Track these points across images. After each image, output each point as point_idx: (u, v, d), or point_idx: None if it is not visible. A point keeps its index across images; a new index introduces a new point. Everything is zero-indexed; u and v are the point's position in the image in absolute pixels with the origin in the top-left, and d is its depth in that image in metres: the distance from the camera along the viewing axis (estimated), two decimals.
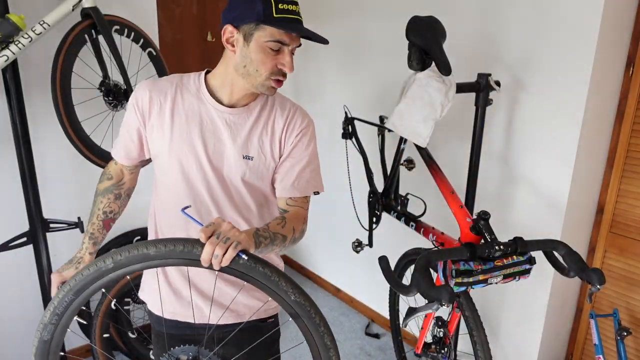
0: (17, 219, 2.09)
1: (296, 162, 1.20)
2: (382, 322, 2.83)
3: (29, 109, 1.96)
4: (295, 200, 1.20)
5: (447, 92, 1.65)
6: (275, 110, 1.20)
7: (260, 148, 1.17)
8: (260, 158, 1.17)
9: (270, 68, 1.08)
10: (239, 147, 1.15)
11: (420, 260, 1.23)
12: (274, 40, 1.05)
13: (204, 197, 1.18)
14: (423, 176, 2.11)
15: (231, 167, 1.16)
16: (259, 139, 1.17)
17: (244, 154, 1.15)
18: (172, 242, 0.90)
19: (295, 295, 0.92)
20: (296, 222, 1.15)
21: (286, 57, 1.08)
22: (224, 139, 1.15)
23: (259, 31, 1.04)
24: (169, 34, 2.62)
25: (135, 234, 2.51)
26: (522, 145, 1.97)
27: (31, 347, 0.97)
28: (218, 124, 1.15)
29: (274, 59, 1.08)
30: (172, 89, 1.16)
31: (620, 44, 1.80)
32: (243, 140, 1.15)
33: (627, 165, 1.90)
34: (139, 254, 0.89)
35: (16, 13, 1.71)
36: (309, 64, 3.06)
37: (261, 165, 1.18)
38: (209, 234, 0.87)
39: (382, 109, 2.52)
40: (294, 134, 1.19)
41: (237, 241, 0.88)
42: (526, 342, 2.11)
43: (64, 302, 0.93)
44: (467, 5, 2.08)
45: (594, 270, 1.27)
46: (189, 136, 1.14)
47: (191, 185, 1.17)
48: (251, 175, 1.17)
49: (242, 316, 1.25)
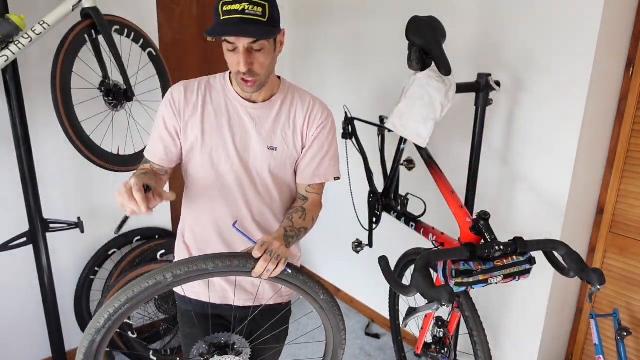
0: (17, 219, 2.09)
1: (317, 152, 1.29)
2: (382, 322, 2.83)
3: (29, 109, 1.96)
4: (314, 187, 1.33)
5: (447, 92, 1.65)
6: (296, 103, 1.27)
7: (283, 139, 1.25)
8: (284, 149, 1.26)
9: (233, 67, 1.14)
10: (263, 139, 1.24)
11: (420, 260, 1.23)
12: (224, 41, 1.11)
13: (232, 187, 1.26)
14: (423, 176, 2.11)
15: (257, 158, 1.24)
16: (282, 131, 1.25)
17: (269, 145, 1.24)
18: (228, 258, 1.03)
19: (324, 295, 1.17)
20: (315, 211, 1.31)
21: (237, 56, 1.11)
22: (250, 131, 1.23)
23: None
24: (169, 34, 2.62)
25: (135, 234, 2.51)
26: (522, 145, 1.97)
27: (79, 349, 1.03)
28: (244, 117, 1.23)
29: (233, 59, 1.12)
30: (202, 88, 1.25)
31: (620, 44, 1.80)
32: (267, 133, 1.24)
33: (627, 166, 1.90)
34: (198, 270, 1.01)
35: (16, 13, 1.71)
36: (309, 64, 3.06)
37: (285, 156, 1.27)
38: (263, 252, 1.02)
39: (382, 109, 2.52)
40: (314, 126, 1.27)
41: (285, 257, 1.05)
42: (526, 342, 2.11)
43: (120, 310, 1.00)
44: (467, 5, 2.08)
45: (594, 270, 1.27)
46: (219, 130, 1.22)
47: (220, 177, 1.25)
48: (276, 166, 1.26)
49: (260, 299, 1.35)
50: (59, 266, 2.27)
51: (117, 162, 2.01)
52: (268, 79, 1.19)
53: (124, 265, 2.40)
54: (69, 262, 2.36)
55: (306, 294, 1.16)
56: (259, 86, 1.17)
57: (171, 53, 2.63)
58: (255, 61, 1.12)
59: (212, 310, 1.34)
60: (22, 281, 2.22)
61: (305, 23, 3.01)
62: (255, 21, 1.06)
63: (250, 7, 1.05)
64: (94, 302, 2.42)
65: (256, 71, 1.13)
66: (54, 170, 2.22)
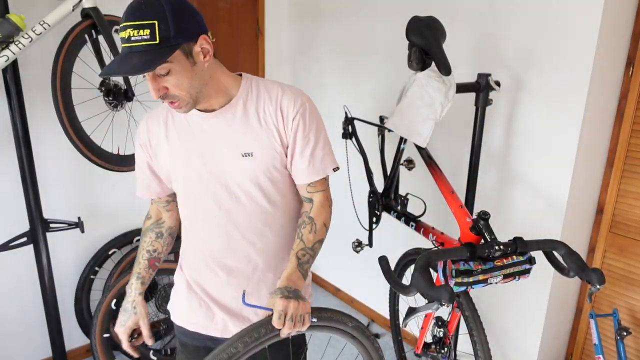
0: (17, 219, 2.09)
1: (304, 146, 1.12)
2: (382, 322, 2.84)
3: (29, 109, 1.96)
4: (315, 185, 1.16)
5: (447, 92, 1.65)
6: (263, 99, 1.11)
7: (257, 142, 1.10)
8: (261, 152, 1.10)
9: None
10: (234, 147, 1.10)
11: (420, 260, 1.23)
12: None
13: (213, 210, 1.15)
14: (423, 176, 2.11)
15: (232, 170, 1.11)
16: (254, 133, 1.10)
17: (242, 152, 1.10)
18: (255, 331, 0.99)
19: (351, 322, 1.14)
20: (323, 214, 1.17)
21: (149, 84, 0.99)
22: (217, 143, 1.11)
23: None
24: None
25: (135, 234, 2.51)
26: (522, 145, 1.97)
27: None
28: (207, 130, 1.11)
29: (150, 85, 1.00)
30: (164, 113, 1.17)
31: (620, 44, 1.80)
32: (236, 139, 1.10)
33: (627, 165, 1.90)
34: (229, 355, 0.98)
35: (16, 13, 1.71)
36: (310, 64, 3.06)
37: (265, 160, 1.11)
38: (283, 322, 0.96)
39: (382, 109, 2.52)
40: (290, 119, 1.10)
41: (307, 313, 0.99)
42: (526, 342, 2.11)
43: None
44: (467, 5, 2.08)
45: (594, 270, 1.27)
46: (185, 151, 1.14)
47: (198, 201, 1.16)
48: (257, 174, 1.11)
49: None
50: (59, 266, 2.27)
51: (117, 162, 2.01)
52: (200, 93, 1.04)
53: (124, 265, 2.40)
54: (69, 262, 2.36)
55: (336, 330, 1.11)
56: (189, 105, 1.03)
57: None
58: (168, 84, 0.98)
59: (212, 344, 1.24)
60: (22, 281, 2.22)
61: (305, 23, 3.01)
62: (143, 48, 0.91)
63: (135, 32, 0.90)
64: (94, 302, 2.42)
65: (173, 93, 1.00)
66: (54, 170, 2.22)
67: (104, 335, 2.19)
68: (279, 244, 1.21)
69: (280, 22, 3.11)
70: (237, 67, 2.96)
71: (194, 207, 1.19)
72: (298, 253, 1.10)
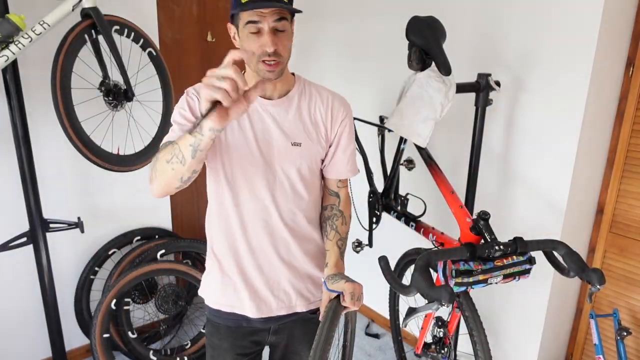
0: (17, 219, 2.09)
1: (345, 147, 1.29)
2: (382, 322, 2.83)
3: (29, 109, 1.96)
4: (344, 181, 1.35)
5: (447, 92, 1.65)
6: (315, 98, 1.25)
7: (306, 134, 1.23)
8: (309, 144, 1.23)
9: (256, 51, 1.10)
10: (286, 136, 1.20)
11: (420, 260, 1.23)
12: (247, 23, 1.07)
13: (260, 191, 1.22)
14: (423, 176, 2.11)
15: (282, 156, 1.21)
16: (304, 126, 1.23)
17: (292, 142, 1.21)
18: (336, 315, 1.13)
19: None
20: (349, 208, 1.37)
21: (264, 37, 1.08)
22: (271, 129, 1.20)
23: (239, 20, 1.10)
24: (169, 34, 2.62)
25: (135, 234, 2.51)
26: (522, 145, 1.97)
27: None
28: (264, 116, 1.20)
29: (257, 42, 1.09)
30: None
31: (620, 44, 1.80)
32: (289, 129, 1.21)
33: (627, 166, 1.90)
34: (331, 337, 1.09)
35: (16, 13, 1.71)
36: (310, 64, 3.06)
37: (311, 152, 1.24)
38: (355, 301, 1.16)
39: (382, 109, 2.52)
40: (338, 121, 1.27)
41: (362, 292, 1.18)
42: (526, 342, 2.11)
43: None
44: (467, 5, 2.08)
45: (594, 270, 1.27)
46: (240, 131, 1.18)
47: (246, 182, 1.21)
48: (303, 164, 1.23)
49: (293, 307, 1.32)
50: (59, 266, 2.27)
51: (117, 162, 2.01)
52: (286, 66, 1.17)
53: (124, 265, 2.40)
54: (69, 262, 2.36)
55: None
56: (280, 72, 1.14)
57: (171, 53, 2.63)
58: (280, 43, 1.09)
59: (246, 323, 1.31)
60: (22, 281, 2.22)
61: (306, 22, 3.01)
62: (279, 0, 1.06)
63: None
64: (94, 302, 2.42)
65: (280, 53, 1.10)
66: (54, 170, 2.22)
67: (103, 335, 2.19)
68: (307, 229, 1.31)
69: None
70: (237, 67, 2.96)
71: (241, 186, 1.21)
72: (337, 243, 1.28)
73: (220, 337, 1.34)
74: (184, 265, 2.38)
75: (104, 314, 2.18)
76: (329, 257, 1.28)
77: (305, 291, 1.33)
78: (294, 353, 1.39)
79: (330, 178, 1.33)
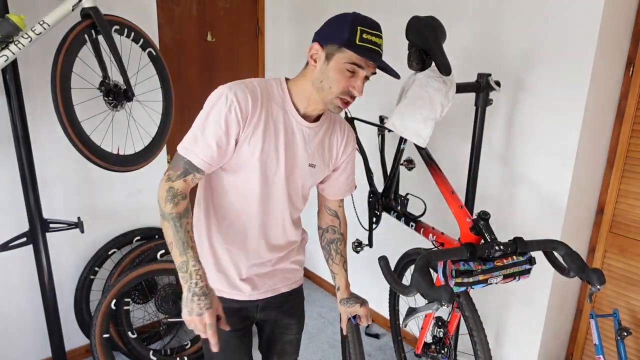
0: (17, 219, 2.09)
1: (350, 172, 1.43)
2: (382, 322, 2.83)
3: (29, 109, 1.96)
4: (341, 200, 1.49)
5: (447, 92, 1.65)
6: (335, 127, 1.35)
7: (322, 158, 1.32)
8: (320, 167, 1.33)
9: (342, 88, 1.17)
10: (308, 157, 1.29)
11: (420, 260, 1.23)
12: (351, 63, 1.13)
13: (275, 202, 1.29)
14: (423, 176, 2.11)
15: (299, 173, 1.29)
16: (322, 150, 1.32)
17: (310, 163, 1.29)
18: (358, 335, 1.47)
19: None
20: (346, 227, 1.54)
21: (358, 81, 1.17)
22: (299, 147, 1.26)
23: (340, 53, 1.13)
24: (169, 34, 2.62)
25: (135, 234, 2.51)
26: (522, 145, 1.97)
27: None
28: (297, 134, 1.25)
29: (348, 81, 1.16)
30: (265, 98, 1.20)
31: (620, 44, 1.80)
32: (312, 151, 1.29)
33: (627, 165, 1.90)
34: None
35: (16, 13, 1.71)
36: None
37: (320, 174, 1.35)
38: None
39: (382, 109, 2.52)
40: (348, 149, 1.38)
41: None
42: (526, 342, 2.11)
43: None
44: (467, 5, 2.08)
45: (594, 270, 1.27)
46: (275, 143, 1.22)
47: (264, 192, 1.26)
48: (308, 182, 1.33)
49: (278, 289, 1.43)
50: (59, 266, 2.27)
51: (117, 162, 2.00)
52: None
53: (124, 265, 2.40)
54: (69, 262, 2.36)
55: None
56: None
57: (171, 53, 2.63)
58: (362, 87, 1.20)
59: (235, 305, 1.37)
60: (22, 281, 2.22)
61: (305, 23, 3.01)
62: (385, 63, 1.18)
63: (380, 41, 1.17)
64: (94, 302, 2.42)
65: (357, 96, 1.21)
66: (54, 170, 2.22)
67: (103, 335, 2.19)
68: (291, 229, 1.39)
69: (280, 22, 3.11)
70: (237, 67, 2.96)
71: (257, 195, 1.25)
72: (344, 266, 1.51)
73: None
74: None
75: (104, 314, 2.18)
76: (339, 281, 1.51)
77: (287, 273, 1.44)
78: (284, 326, 1.49)
79: (333, 199, 1.46)
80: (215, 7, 2.78)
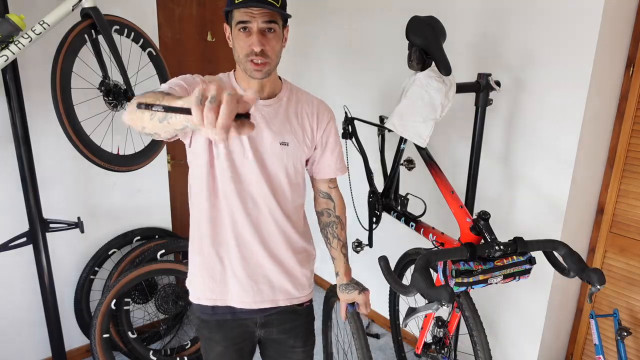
0: (17, 219, 2.09)
1: (333, 148, 1.36)
2: (382, 322, 2.83)
3: (29, 109, 1.96)
4: (333, 181, 1.42)
5: (447, 92, 1.65)
6: (302, 102, 1.31)
7: (294, 135, 1.27)
8: (295, 144, 1.27)
9: (244, 49, 1.14)
10: (275, 135, 1.24)
11: (420, 260, 1.23)
12: (238, 22, 1.12)
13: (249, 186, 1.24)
14: (423, 176, 2.11)
15: (271, 155, 1.24)
16: (292, 127, 1.27)
17: (280, 141, 1.25)
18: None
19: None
20: (344, 210, 1.46)
21: (252, 37, 1.13)
22: (263, 129, 1.24)
23: (231, 19, 1.15)
24: (169, 34, 2.62)
25: (135, 234, 2.51)
26: (522, 145, 1.97)
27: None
28: (254, 115, 1.22)
29: (245, 41, 1.14)
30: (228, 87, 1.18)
31: (620, 44, 1.80)
32: (278, 128, 1.25)
33: (627, 165, 1.90)
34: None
35: (16, 13, 1.71)
36: (310, 64, 3.06)
37: (297, 152, 1.28)
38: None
39: (382, 109, 2.52)
40: (323, 124, 1.33)
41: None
42: (526, 342, 2.11)
43: None
44: (467, 5, 2.08)
45: (594, 270, 1.27)
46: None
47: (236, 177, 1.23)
48: (290, 164, 1.27)
49: (276, 301, 1.35)
50: (59, 266, 2.27)
51: (117, 162, 2.01)
52: (275, 68, 1.21)
53: (124, 265, 2.40)
54: (69, 262, 2.36)
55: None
56: (267, 72, 1.18)
57: (171, 53, 2.63)
58: (267, 44, 1.14)
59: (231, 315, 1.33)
60: (22, 281, 2.22)
61: (306, 22, 3.01)
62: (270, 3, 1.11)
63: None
64: (94, 302, 2.42)
65: (268, 53, 1.15)
66: (54, 170, 2.22)
67: (103, 335, 2.19)
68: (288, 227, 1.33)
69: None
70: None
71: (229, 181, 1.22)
72: (342, 250, 1.44)
73: (210, 330, 1.36)
74: (184, 265, 2.38)
75: (104, 314, 2.18)
76: (338, 266, 1.45)
77: (287, 285, 1.35)
78: (288, 348, 1.41)
79: (320, 178, 1.40)
80: (215, 7, 2.78)
